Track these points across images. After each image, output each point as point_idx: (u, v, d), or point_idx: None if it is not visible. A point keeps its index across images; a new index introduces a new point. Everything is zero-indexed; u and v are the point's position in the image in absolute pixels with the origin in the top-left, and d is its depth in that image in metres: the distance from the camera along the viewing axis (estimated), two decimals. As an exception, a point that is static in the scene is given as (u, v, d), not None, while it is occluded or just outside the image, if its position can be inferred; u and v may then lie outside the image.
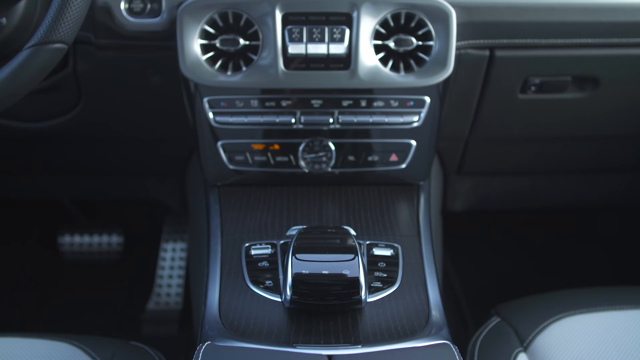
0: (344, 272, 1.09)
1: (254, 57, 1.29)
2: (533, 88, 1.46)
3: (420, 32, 1.29)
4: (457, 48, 1.33)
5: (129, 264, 2.35)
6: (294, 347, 1.09)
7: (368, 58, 1.28)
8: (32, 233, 2.35)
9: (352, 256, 1.11)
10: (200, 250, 1.39)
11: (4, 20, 1.18)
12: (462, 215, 1.94)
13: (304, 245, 1.15)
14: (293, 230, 1.29)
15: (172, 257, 2.27)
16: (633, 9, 1.35)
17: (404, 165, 1.41)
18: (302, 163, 1.39)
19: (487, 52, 1.38)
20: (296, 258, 1.11)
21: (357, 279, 1.09)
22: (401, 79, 1.30)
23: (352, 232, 1.24)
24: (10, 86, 1.08)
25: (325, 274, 1.09)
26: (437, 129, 1.40)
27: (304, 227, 1.25)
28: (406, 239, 1.34)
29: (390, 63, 1.30)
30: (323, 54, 1.27)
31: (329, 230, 1.23)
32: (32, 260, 2.32)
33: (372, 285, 1.20)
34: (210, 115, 1.34)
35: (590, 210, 2.22)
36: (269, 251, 1.25)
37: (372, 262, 1.24)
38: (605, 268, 2.29)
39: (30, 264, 2.31)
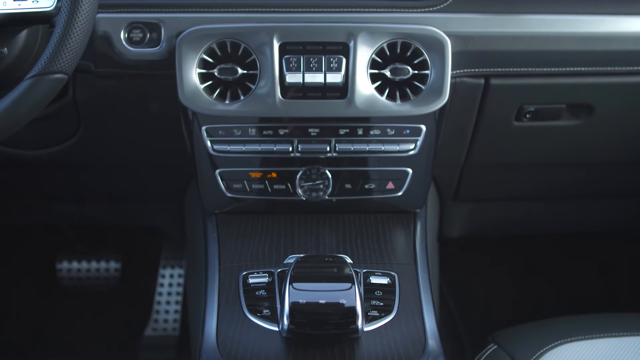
0: (340, 301, 1.10)
1: (252, 86, 1.30)
2: (528, 115, 1.47)
3: (416, 61, 1.30)
4: (453, 76, 1.34)
5: (127, 290, 2.35)
6: None
7: (364, 87, 1.30)
8: (30, 259, 2.35)
9: (348, 285, 1.12)
10: (198, 278, 1.40)
11: (5, 50, 1.20)
12: (459, 241, 1.95)
13: (301, 274, 1.15)
14: (290, 259, 1.29)
15: (169, 283, 2.28)
16: (625, 38, 1.37)
17: (400, 193, 1.41)
18: (300, 191, 1.39)
19: (482, 81, 1.39)
20: (293, 287, 1.11)
21: (353, 309, 1.10)
22: (397, 107, 1.31)
23: (349, 260, 1.24)
24: (10, 116, 1.09)
25: (322, 304, 1.10)
26: (433, 156, 1.41)
27: (301, 255, 1.26)
28: (403, 267, 1.34)
29: (387, 92, 1.31)
30: (320, 83, 1.28)
31: (326, 259, 1.23)
32: (29, 286, 2.32)
33: (368, 314, 1.20)
34: (209, 143, 1.35)
35: (587, 236, 2.22)
36: (266, 280, 1.26)
37: (369, 291, 1.24)
38: (603, 294, 2.29)
39: (28, 289, 2.31)
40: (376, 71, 1.30)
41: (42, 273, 2.35)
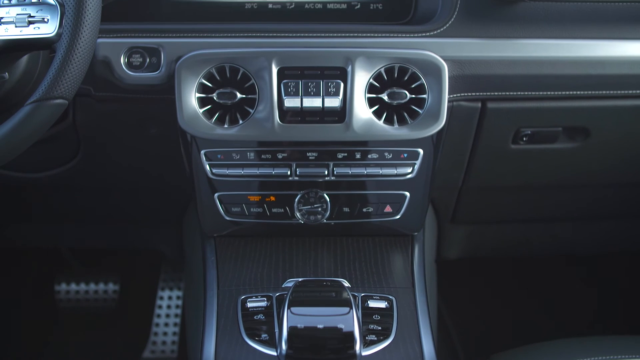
0: (339, 326, 1.10)
1: (251, 110, 1.31)
2: (525, 138, 1.48)
3: (413, 86, 1.31)
4: (450, 100, 1.35)
5: (125, 311, 2.34)
6: None
7: (362, 111, 1.30)
8: (28, 281, 2.35)
9: (347, 310, 1.12)
10: (197, 302, 1.40)
11: (6, 75, 1.20)
12: (457, 262, 1.95)
13: (299, 298, 1.16)
14: (289, 282, 1.30)
15: (168, 305, 2.27)
16: (621, 62, 1.38)
17: (398, 216, 1.42)
18: (298, 214, 1.40)
19: (479, 104, 1.40)
20: (291, 312, 1.12)
21: (351, 333, 1.10)
22: (395, 131, 1.32)
23: (347, 284, 1.24)
24: (11, 141, 1.10)
25: (320, 328, 1.10)
26: (431, 180, 1.42)
27: (300, 279, 1.26)
28: (401, 291, 1.35)
29: (384, 115, 1.32)
30: (318, 108, 1.29)
31: (324, 283, 1.24)
32: (27, 308, 2.31)
33: (366, 338, 1.20)
34: (207, 167, 1.36)
35: (585, 258, 2.23)
36: (264, 304, 1.26)
37: (367, 315, 1.25)
38: (602, 315, 2.29)
39: (26, 311, 2.30)
40: (374, 95, 1.31)
41: (41, 295, 2.34)
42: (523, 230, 1.93)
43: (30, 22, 1.10)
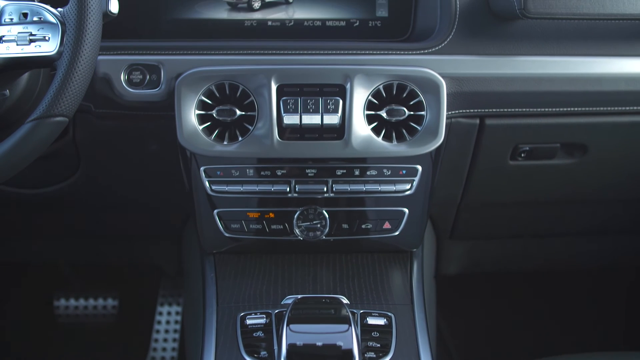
0: (338, 343, 1.10)
1: (250, 127, 1.31)
2: (523, 155, 1.49)
3: (411, 103, 1.32)
4: (448, 117, 1.36)
5: (124, 327, 2.34)
6: None
7: (361, 128, 1.31)
8: (28, 296, 2.34)
9: (345, 327, 1.12)
10: (196, 318, 1.40)
11: (7, 92, 1.21)
12: (456, 278, 1.95)
13: (298, 315, 1.16)
14: (288, 299, 1.30)
15: (167, 320, 2.27)
16: (617, 79, 1.39)
17: (397, 233, 1.42)
18: (297, 231, 1.40)
19: (477, 121, 1.41)
20: (290, 329, 1.12)
21: (350, 351, 1.10)
22: (393, 148, 1.32)
23: (346, 300, 1.24)
24: (12, 159, 1.10)
25: (319, 346, 1.10)
26: (430, 196, 1.42)
27: (299, 296, 1.26)
28: (399, 308, 1.35)
29: (383, 132, 1.33)
30: (317, 125, 1.30)
31: (323, 300, 1.24)
32: (27, 323, 2.31)
33: (365, 355, 1.20)
34: (207, 184, 1.36)
35: (584, 272, 2.23)
36: (263, 320, 1.26)
37: (366, 332, 1.25)
38: (601, 331, 2.28)
39: (25, 327, 2.30)
40: (372, 112, 1.32)
41: (40, 310, 2.34)
42: (522, 246, 1.93)
43: (31, 41, 1.10)
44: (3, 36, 1.11)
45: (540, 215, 1.75)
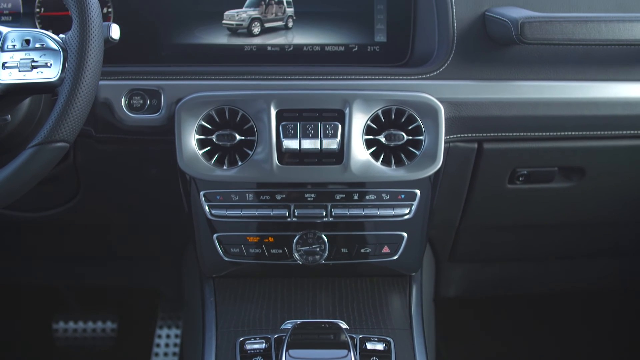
0: (337, 369, 1.10)
1: (250, 152, 1.32)
2: (521, 178, 1.50)
3: (410, 127, 1.33)
4: (446, 141, 1.37)
5: (123, 350, 2.33)
6: None
7: (360, 153, 1.32)
8: (26, 319, 2.33)
9: (345, 352, 1.13)
10: (195, 343, 1.39)
11: (8, 117, 1.21)
12: (456, 300, 1.95)
13: (298, 340, 1.16)
14: (287, 324, 1.30)
15: (166, 343, 2.26)
16: (614, 103, 1.40)
17: (396, 257, 1.43)
18: (296, 255, 1.40)
19: (475, 145, 1.42)
20: (290, 355, 1.12)
21: (350, 377, 1.10)
22: (392, 172, 1.33)
23: (345, 325, 1.24)
24: (13, 184, 1.10)
25: None
26: (428, 220, 1.43)
27: (298, 321, 1.26)
28: (399, 332, 1.35)
29: (382, 157, 1.33)
30: (316, 149, 1.30)
31: (322, 325, 1.23)
32: (26, 346, 2.30)
33: (365, 380, 1.20)
34: (207, 208, 1.37)
35: (583, 294, 2.23)
36: (263, 346, 1.26)
37: (365, 357, 1.24)
38: (600, 353, 2.27)
39: (24, 350, 2.29)
40: (371, 137, 1.33)
41: (39, 333, 2.33)
42: (521, 269, 1.93)
43: (33, 67, 1.11)
44: (5, 62, 1.12)
45: (538, 238, 1.75)
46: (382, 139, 1.33)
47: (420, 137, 1.33)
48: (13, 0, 1.45)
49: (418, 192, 1.37)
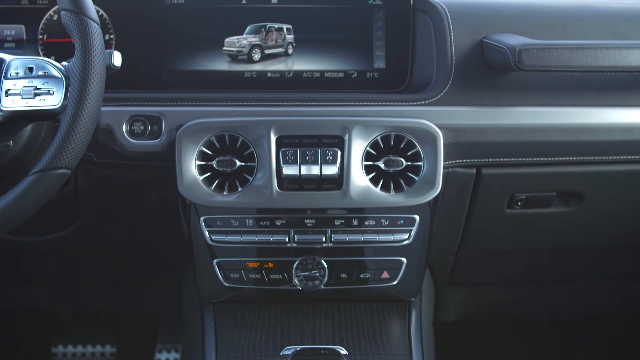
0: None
1: (250, 178, 1.33)
2: (520, 203, 1.50)
3: (409, 153, 1.34)
4: (445, 167, 1.38)
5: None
6: None
7: (359, 178, 1.33)
8: (25, 343, 2.32)
9: (344, 380, 1.12)
10: None
11: (11, 143, 1.22)
12: (455, 325, 1.94)
13: None
14: (287, 350, 1.30)
15: (165, 367, 2.25)
16: (611, 129, 1.41)
17: (395, 282, 1.43)
18: (296, 280, 1.40)
19: (473, 170, 1.43)
20: (289, 382, 1.12)
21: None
22: (391, 198, 1.34)
23: (344, 351, 1.24)
24: (15, 210, 1.11)
25: None
26: (428, 245, 1.43)
27: (298, 347, 1.26)
28: (398, 358, 1.35)
29: (381, 183, 1.34)
30: (316, 175, 1.31)
31: (322, 351, 1.23)
32: None
33: (364, 407, 1.20)
34: (207, 233, 1.37)
35: (583, 319, 2.22)
36: (262, 373, 1.26)
37: (365, 382, 1.25)
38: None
39: None
40: (370, 163, 1.34)
41: (38, 357, 2.32)
42: (521, 293, 1.93)
43: (36, 94, 1.12)
44: (9, 90, 1.13)
45: (538, 263, 1.75)
46: (381, 164, 1.33)
47: (419, 163, 1.34)
48: (16, 27, 1.46)
49: (417, 217, 1.38)
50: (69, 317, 2.35)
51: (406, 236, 1.39)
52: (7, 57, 1.15)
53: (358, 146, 1.32)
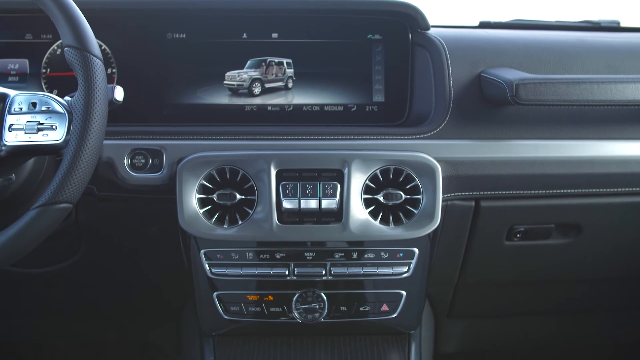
0: None
1: (250, 211, 1.34)
2: (518, 235, 1.51)
3: (408, 186, 1.35)
4: (444, 200, 1.38)
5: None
6: None
7: (358, 212, 1.33)
8: None
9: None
10: None
11: (13, 176, 1.23)
12: (455, 356, 1.94)
13: None
14: (287, 384, 1.30)
15: (164, 400, 2.23)
16: (608, 162, 1.43)
17: (395, 315, 1.43)
18: (296, 313, 1.41)
19: (472, 203, 1.43)
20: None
21: None
22: (391, 231, 1.34)
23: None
24: (17, 244, 1.11)
25: None
26: (427, 277, 1.43)
27: None
28: None
29: (380, 216, 1.35)
30: (316, 209, 1.32)
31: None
32: None
33: None
34: (207, 266, 1.38)
35: (583, 350, 2.21)
36: (261, 407, 1.26)
37: (365, 417, 1.24)
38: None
39: None
40: (370, 196, 1.34)
41: None
42: (521, 324, 1.92)
43: (39, 129, 1.13)
44: (12, 125, 1.14)
45: (537, 294, 1.75)
46: (380, 198, 1.34)
47: (418, 196, 1.35)
48: (20, 62, 1.48)
49: (416, 250, 1.39)
50: (68, 349, 2.34)
51: (405, 269, 1.40)
52: (11, 92, 1.17)
53: (357, 180, 1.33)
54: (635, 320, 1.95)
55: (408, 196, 1.34)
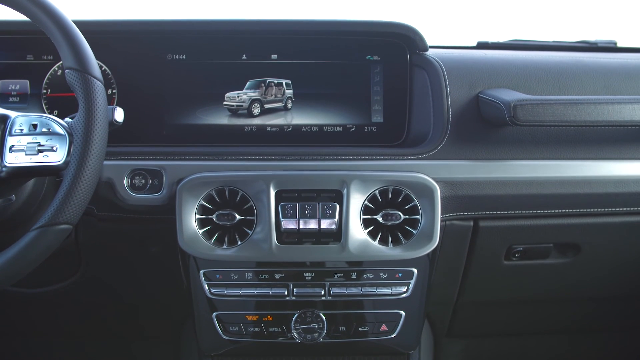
0: None
1: (249, 231, 1.34)
2: (517, 255, 1.51)
3: (407, 207, 1.35)
4: (443, 220, 1.39)
5: None
6: None
7: (357, 232, 1.34)
8: None
9: None
10: None
11: (13, 197, 1.24)
12: None
13: None
14: (285, 405, 1.29)
15: (163, 423, 2.22)
16: (606, 182, 1.43)
17: (394, 335, 1.43)
18: (295, 334, 1.41)
19: (471, 223, 1.44)
20: None
21: None
22: (389, 251, 1.35)
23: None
24: (17, 265, 1.11)
25: None
26: (426, 297, 1.43)
27: None
28: None
29: (379, 236, 1.35)
30: (315, 229, 1.32)
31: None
32: None
33: None
34: (206, 287, 1.38)
35: None
36: None
37: None
38: None
39: None
40: (368, 216, 1.35)
41: None
42: (520, 343, 1.92)
43: (39, 151, 1.14)
44: (13, 146, 1.14)
45: (536, 313, 1.75)
46: (379, 218, 1.35)
47: (417, 217, 1.35)
48: (21, 82, 1.49)
49: (415, 270, 1.39)
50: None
51: (404, 289, 1.40)
52: (12, 113, 1.17)
53: (356, 200, 1.33)
54: (635, 340, 1.95)
55: (407, 216, 1.35)
